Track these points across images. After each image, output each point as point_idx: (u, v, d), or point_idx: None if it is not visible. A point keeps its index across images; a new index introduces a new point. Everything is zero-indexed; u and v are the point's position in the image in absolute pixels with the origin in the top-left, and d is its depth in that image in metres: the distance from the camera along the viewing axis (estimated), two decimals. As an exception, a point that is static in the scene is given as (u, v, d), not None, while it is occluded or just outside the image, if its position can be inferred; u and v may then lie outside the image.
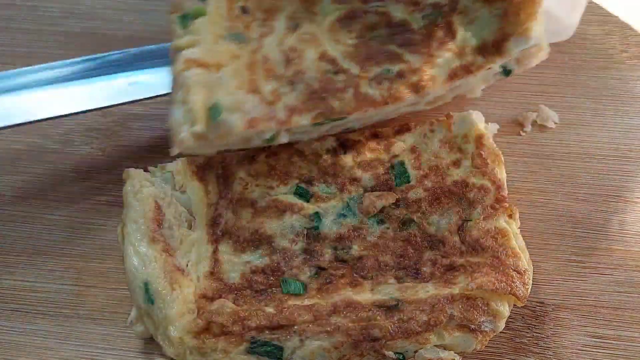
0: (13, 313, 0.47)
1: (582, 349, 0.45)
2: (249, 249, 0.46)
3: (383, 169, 0.48)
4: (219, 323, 0.42)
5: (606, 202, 0.51)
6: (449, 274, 0.43)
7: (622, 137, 0.55)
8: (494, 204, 0.46)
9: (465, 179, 0.47)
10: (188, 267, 0.45)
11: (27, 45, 0.63)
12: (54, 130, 0.57)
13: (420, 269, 0.44)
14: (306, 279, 0.45)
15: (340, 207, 0.47)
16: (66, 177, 0.54)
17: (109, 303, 0.48)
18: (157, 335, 0.43)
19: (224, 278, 0.45)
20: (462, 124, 0.49)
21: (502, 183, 0.47)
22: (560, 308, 0.47)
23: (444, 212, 0.46)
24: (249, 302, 0.43)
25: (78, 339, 0.46)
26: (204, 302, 0.43)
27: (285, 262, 0.45)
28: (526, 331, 0.46)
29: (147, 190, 0.46)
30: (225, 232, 0.46)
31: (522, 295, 0.42)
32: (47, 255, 0.50)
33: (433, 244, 0.45)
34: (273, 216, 0.47)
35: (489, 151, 0.48)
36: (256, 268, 0.45)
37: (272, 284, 0.44)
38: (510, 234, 0.44)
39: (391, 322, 0.41)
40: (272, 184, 0.48)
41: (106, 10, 0.65)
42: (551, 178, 0.53)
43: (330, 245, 0.46)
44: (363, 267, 0.45)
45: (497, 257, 0.43)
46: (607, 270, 0.48)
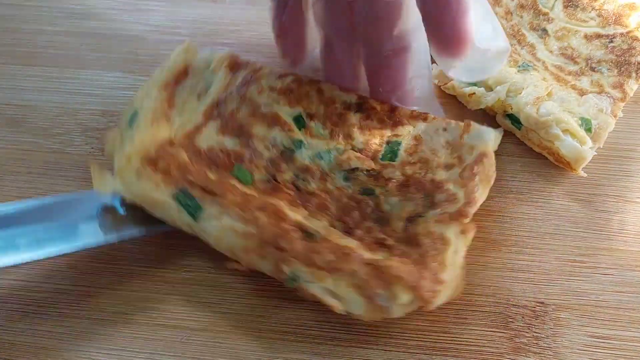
0: (13, 313, 0.48)
1: (582, 349, 0.45)
2: (229, 135, 0.49)
3: (379, 140, 0.49)
4: (166, 162, 0.46)
5: (606, 202, 0.51)
6: (374, 246, 0.44)
7: (622, 137, 0.55)
8: (453, 214, 0.45)
9: (444, 182, 0.47)
10: (175, 121, 0.50)
11: (27, 45, 0.63)
12: (54, 130, 0.57)
13: (354, 229, 0.45)
14: (257, 178, 0.47)
15: (322, 149, 0.49)
16: (66, 177, 0.54)
17: (109, 303, 0.48)
18: (115, 151, 0.47)
19: (195, 141, 0.48)
20: (475, 137, 0.48)
21: (474, 201, 0.46)
22: (560, 308, 0.47)
23: (405, 199, 0.47)
24: (201, 164, 0.47)
25: (78, 339, 0.46)
26: (167, 146, 0.48)
27: (250, 158, 0.48)
28: (526, 331, 0.46)
29: (183, 57, 0.52)
30: (220, 115, 0.50)
31: (426, 297, 0.41)
32: (47, 255, 0.50)
33: (379, 218, 0.46)
34: (265, 123, 0.50)
35: (484, 170, 0.47)
36: (225, 149, 0.48)
37: (228, 167, 0.47)
38: (450, 246, 0.43)
39: (303, 244, 0.43)
40: (280, 101, 0.51)
41: (107, 10, 0.65)
42: (551, 178, 0.53)
43: (295, 170, 0.48)
44: (308, 201, 0.46)
45: (424, 257, 0.43)
46: (608, 270, 0.48)
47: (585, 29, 0.58)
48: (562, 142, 0.51)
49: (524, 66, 0.55)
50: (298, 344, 0.46)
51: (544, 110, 0.51)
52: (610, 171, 0.53)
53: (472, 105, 0.56)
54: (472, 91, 0.55)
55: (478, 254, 0.49)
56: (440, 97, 0.58)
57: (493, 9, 0.58)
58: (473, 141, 0.48)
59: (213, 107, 0.51)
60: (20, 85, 0.61)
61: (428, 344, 0.45)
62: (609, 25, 0.58)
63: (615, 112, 0.52)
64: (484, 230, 0.50)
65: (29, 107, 0.59)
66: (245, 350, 0.45)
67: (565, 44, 0.57)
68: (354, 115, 0.51)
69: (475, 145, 0.48)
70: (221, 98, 0.51)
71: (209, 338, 0.46)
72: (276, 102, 0.51)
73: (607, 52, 0.56)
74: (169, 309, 0.47)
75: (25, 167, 0.55)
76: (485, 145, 0.48)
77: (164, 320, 0.47)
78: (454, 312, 0.46)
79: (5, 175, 0.55)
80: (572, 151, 0.51)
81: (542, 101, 0.52)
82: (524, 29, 0.58)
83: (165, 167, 0.46)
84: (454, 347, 0.45)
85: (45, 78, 0.61)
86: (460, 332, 0.46)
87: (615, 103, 0.53)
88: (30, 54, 0.62)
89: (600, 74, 0.55)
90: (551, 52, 0.57)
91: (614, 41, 0.56)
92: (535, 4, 0.59)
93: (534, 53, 0.56)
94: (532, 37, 0.58)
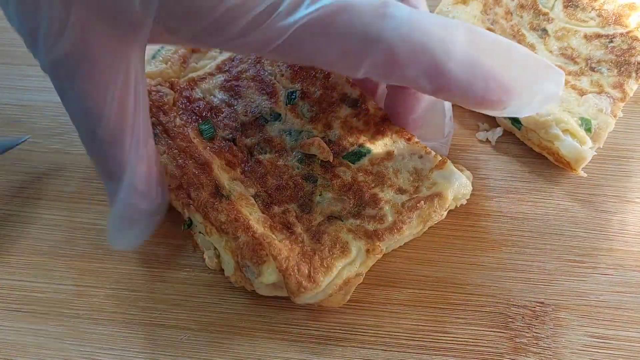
0: (13, 313, 0.48)
1: (582, 349, 0.45)
2: (224, 91, 0.53)
3: (353, 140, 0.49)
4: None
5: (606, 202, 0.51)
6: (280, 226, 0.45)
7: (622, 137, 0.55)
8: (370, 231, 0.44)
9: (384, 201, 0.46)
10: (190, 63, 0.55)
11: (27, 45, 0.63)
12: (54, 130, 0.57)
13: (272, 205, 0.47)
14: (220, 135, 0.50)
15: (296, 127, 0.50)
16: (66, 177, 0.54)
17: (109, 303, 0.48)
18: None
19: (194, 86, 0.53)
20: (444, 176, 0.47)
21: (398, 231, 0.45)
22: (560, 308, 0.47)
23: (338, 199, 0.47)
24: (178, 108, 0.52)
25: (78, 339, 0.46)
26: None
27: (225, 116, 0.51)
28: (526, 331, 0.46)
29: None
30: (228, 71, 0.54)
31: (292, 287, 0.42)
32: (47, 255, 0.50)
33: (304, 205, 0.47)
34: (257, 90, 0.52)
35: (429, 209, 0.45)
36: (210, 102, 0.52)
37: (205, 116, 0.51)
38: (347, 258, 0.44)
39: (207, 199, 0.46)
40: (285, 74, 0.53)
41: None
42: (551, 178, 0.53)
43: (259, 138, 0.50)
44: (253, 168, 0.49)
45: (314, 253, 0.44)
46: (608, 270, 0.48)
47: (585, 29, 0.58)
48: (562, 142, 0.51)
49: (524, 66, 0.55)
50: (298, 344, 0.46)
51: (544, 110, 0.51)
52: (610, 171, 0.53)
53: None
54: (472, 91, 0.55)
55: (478, 254, 0.49)
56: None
57: (493, 9, 0.58)
58: (439, 179, 0.47)
59: (228, 62, 0.54)
60: (20, 85, 0.61)
61: (428, 344, 0.45)
62: (608, 25, 0.58)
63: (615, 112, 0.52)
64: (484, 230, 0.50)
65: (29, 107, 0.59)
66: (245, 350, 0.45)
67: (565, 44, 0.57)
68: (345, 108, 0.51)
69: (438, 183, 0.47)
70: (238, 56, 0.55)
71: (209, 338, 0.46)
72: (280, 74, 0.53)
73: (607, 52, 0.56)
74: (169, 309, 0.47)
75: (25, 167, 0.55)
76: (446, 188, 0.46)
77: (164, 320, 0.47)
78: (454, 312, 0.46)
79: (6, 175, 0.55)
80: (572, 151, 0.51)
81: None
82: (524, 29, 0.58)
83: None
84: (454, 347, 0.45)
85: (46, 78, 0.60)
86: (460, 332, 0.46)
87: (615, 103, 0.53)
88: (30, 54, 0.62)
89: (600, 74, 0.55)
90: (551, 52, 0.57)
91: (613, 41, 0.56)
92: (535, 4, 0.59)
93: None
94: (532, 37, 0.57)
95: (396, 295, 0.47)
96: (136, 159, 0.40)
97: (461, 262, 0.49)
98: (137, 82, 0.38)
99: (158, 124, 0.50)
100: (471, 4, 0.58)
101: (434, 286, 0.48)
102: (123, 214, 0.43)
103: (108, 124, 0.38)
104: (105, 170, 0.41)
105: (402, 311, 0.47)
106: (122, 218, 0.43)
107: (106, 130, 0.38)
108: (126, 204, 0.42)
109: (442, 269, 0.48)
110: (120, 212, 0.42)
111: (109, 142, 0.39)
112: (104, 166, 0.41)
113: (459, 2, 0.58)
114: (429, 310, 0.47)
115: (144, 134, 0.40)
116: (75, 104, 0.39)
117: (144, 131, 0.40)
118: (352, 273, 0.44)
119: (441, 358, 0.45)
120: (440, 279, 0.48)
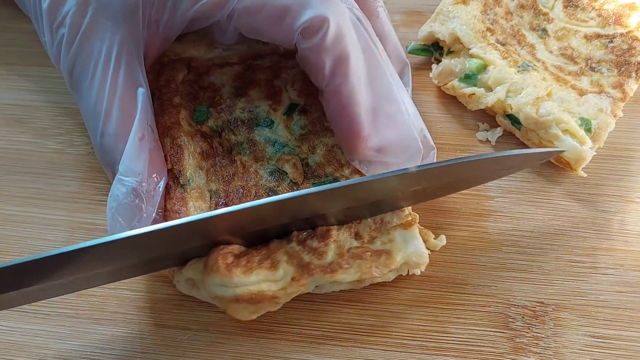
0: (13, 313, 0.47)
1: (582, 349, 0.45)
2: (236, 83, 0.53)
3: (328, 170, 0.48)
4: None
5: (606, 202, 0.51)
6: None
7: (623, 137, 0.55)
8: (297, 266, 0.43)
9: (333, 239, 0.44)
10: (218, 47, 0.55)
11: (27, 45, 0.63)
12: (54, 130, 0.57)
13: (220, 205, 0.47)
14: (210, 124, 0.50)
15: (281, 140, 0.50)
16: (66, 177, 0.54)
17: (109, 303, 0.48)
18: None
19: (213, 72, 0.53)
20: (403, 239, 0.45)
21: (330, 272, 0.43)
22: (560, 308, 0.47)
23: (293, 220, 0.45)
24: (186, 86, 0.52)
25: (78, 339, 0.46)
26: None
27: (223, 108, 0.51)
28: (526, 331, 0.46)
29: None
30: (250, 65, 0.54)
31: (208, 263, 0.43)
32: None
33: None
34: (263, 92, 0.52)
35: (372, 266, 0.44)
36: (216, 89, 0.52)
37: (200, 99, 0.52)
38: (271, 275, 0.42)
39: (172, 187, 0.47)
40: (295, 84, 0.53)
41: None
42: (551, 178, 0.53)
43: (244, 138, 0.50)
44: (224, 166, 0.48)
45: (242, 255, 0.43)
46: (608, 270, 0.48)
47: (585, 29, 0.58)
48: (562, 142, 0.51)
49: (524, 66, 0.55)
50: (298, 344, 0.46)
51: (544, 111, 0.51)
52: (611, 171, 0.53)
53: (472, 106, 0.56)
54: (472, 92, 0.55)
55: (478, 254, 0.49)
56: (440, 97, 0.58)
57: (493, 9, 0.58)
58: (397, 238, 0.45)
59: (251, 56, 0.54)
60: (20, 85, 0.61)
61: (428, 344, 0.45)
62: (608, 25, 0.58)
63: (615, 112, 0.52)
64: (484, 230, 0.50)
65: (29, 107, 0.59)
66: (245, 350, 0.45)
67: (565, 44, 0.57)
68: (334, 138, 0.49)
69: (394, 242, 0.45)
70: (267, 52, 0.55)
71: (209, 338, 0.46)
72: (291, 84, 0.52)
73: (607, 52, 0.56)
74: (169, 309, 0.47)
75: (25, 167, 0.55)
76: (398, 250, 0.44)
77: (163, 320, 0.47)
78: (454, 312, 0.46)
79: (6, 175, 0.55)
80: (572, 151, 0.51)
81: (542, 101, 0.52)
82: (524, 29, 0.58)
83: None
84: (454, 347, 0.45)
85: (45, 78, 0.61)
86: (461, 332, 0.46)
87: (615, 103, 0.53)
88: (30, 54, 0.62)
89: (600, 74, 0.55)
90: (551, 52, 0.57)
91: (614, 41, 0.56)
92: (535, 4, 0.59)
93: (533, 53, 0.56)
94: (532, 37, 0.57)
95: (396, 295, 0.47)
96: (136, 148, 0.44)
97: (461, 262, 0.49)
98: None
99: (157, 98, 0.50)
100: (471, 4, 0.58)
101: (434, 286, 0.48)
102: (122, 199, 0.43)
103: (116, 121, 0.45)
104: (112, 164, 0.45)
105: (403, 311, 0.47)
106: (121, 203, 0.43)
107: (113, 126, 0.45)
108: (127, 191, 0.43)
109: (442, 269, 0.48)
110: (120, 195, 0.43)
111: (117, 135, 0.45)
112: (112, 161, 0.45)
113: (459, 2, 0.58)
114: (429, 310, 0.47)
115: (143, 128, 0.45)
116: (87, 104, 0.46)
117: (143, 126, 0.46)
118: (270, 291, 0.42)
119: (442, 358, 0.45)
120: (440, 279, 0.48)
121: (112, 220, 0.43)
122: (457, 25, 0.57)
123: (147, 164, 0.44)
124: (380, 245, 0.44)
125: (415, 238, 0.45)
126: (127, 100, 0.45)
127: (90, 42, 0.45)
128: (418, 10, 0.65)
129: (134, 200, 0.43)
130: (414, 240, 0.45)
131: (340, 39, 0.44)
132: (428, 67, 0.60)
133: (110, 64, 0.45)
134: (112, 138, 0.45)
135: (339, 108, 0.45)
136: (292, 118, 0.51)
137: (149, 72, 0.51)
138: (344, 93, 0.44)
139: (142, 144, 0.45)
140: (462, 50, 0.57)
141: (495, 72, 0.54)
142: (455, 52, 0.57)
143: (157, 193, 0.45)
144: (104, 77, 0.45)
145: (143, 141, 0.45)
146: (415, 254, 0.44)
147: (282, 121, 0.51)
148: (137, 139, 0.44)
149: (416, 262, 0.45)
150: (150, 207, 0.44)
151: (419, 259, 0.45)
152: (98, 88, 0.45)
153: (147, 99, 0.46)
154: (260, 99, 0.52)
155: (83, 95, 0.46)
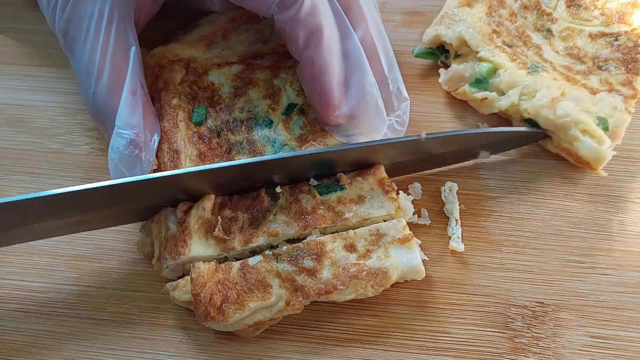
0: (13, 313, 0.48)
1: (582, 349, 0.45)
2: (234, 83, 0.53)
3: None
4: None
5: (606, 202, 0.51)
6: (212, 227, 0.46)
7: (625, 137, 0.54)
8: (290, 289, 0.43)
9: (329, 255, 0.44)
10: (219, 47, 0.55)
11: (27, 45, 0.63)
12: (54, 130, 0.57)
13: (223, 207, 0.47)
14: (210, 124, 0.50)
15: (281, 139, 0.50)
16: (66, 177, 0.54)
17: (109, 303, 0.48)
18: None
19: (212, 71, 0.54)
20: (400, 254, 0.44)
21: (319, 294, 0.43)
22: (560, 308, 0.47)
23: (288, 225, 0.45)
24: (184, 85, 0.52)
25: (78, 339, 0.46)
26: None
27: (221, 108, 0.51)
28: (526, 331, 0.46)
29: None
30: (250, 65, 0.54)
31: (198, 314, 0.43)
32: (47, 255, 0.50)
33: (253, 217, 0.46)
34: (262, 92, 0.52)
35: (368, 286, 0.44)
36: (214, 89, 0.52)
37: (199, 100, 0.51)
38: (265, 303, 0.43)
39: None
40: (293, 84, 0.52)
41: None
42: (551, 178, 0.53)
43: (243, 138, 0.50)
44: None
45: (231, 287, 0.43)
46: (607, 270, 0.48)
47: (590, 28, 0.58)
48: (582, 143, 0.50)
49: (534, 67, 0.54)
50: (298, 344, 0.46)
51: (561, 112, 0.50)
52: (611, 171, 0.53)
53: (484, 110, 0.55)
54: (484, 96, 0.54)
55: (478, 254, 0.49)
56: (452, 103, 0.58)
57: (498, 11, 0.58)
58: (394, 253, 0.44)
59: (250, 56, 0.55)
60: (20, 85, 0.61)
61: (428, 344, 0.45)
62: (612, 24, 0.57)
63: (629, 108, 0.52)
64: (484, 230, 0.50)
65: (29, 107, 0.59)
66: (246, 350, 0.45)
67: (571, 44, 0.57)
68: (334, 139, 0.49)
69: (391, 257, 0.44)
70: (267, 52, 0.55)
71: (209, 338, 0.46)
72: (289, 83, 0.52)
73: (613, 51, 0.55)
74: (169, 308, 0.47)
75: (25, 167, 0.55)
76: (395, 269, 0.44)
77: (164, 320, 0.47)
78: (454, 312, 0.46)
79: (6, 174, 0.55)
80: (592, 151, 0.50)
81: (558, 102, 0.51)
82: (529, 30, 0.58)
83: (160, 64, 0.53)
84: (453, 347, 0.45)
85: (45, 78, 0.61)
86: (460, 332, 0.46)
87: (626, 100, 0.52)
88: (31, 54, 0.62)
89: (608, 72, 0.54)
90: (557, 52, 0.56)
91: (619, 39, 0.56)
92: (538, 4, 0.59)
93: (540, 54, 0.56)
94: (538, 38, 0.57)
95: (396, 296, 0.47)
96: (131, 102, 0.47)
97: (461, 262, 0.49)
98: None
99: (157, 101, 0.51)
100: (476, 6, 0.58)
101: (434, 286, 0.48)
102: (123, 150, 0.46)
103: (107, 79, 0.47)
104: (107, 120, 0.47)
105: (402, 311, 0.47)
106: (122, 154, 0.46)
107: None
108: (127, 143, 0.46)
109: (441, 269, 0.48)
110: (120, 147, 0.46)
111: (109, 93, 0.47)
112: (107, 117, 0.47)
113: (464, 4, 0.58)
114: (429, 310, 0.47)
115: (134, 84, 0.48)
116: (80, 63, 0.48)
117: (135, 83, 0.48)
118: (266, 318, 0.43)
119: (441, 358, 0.45)
120: (440, 279, 0.48)
121: (115, 170, 0.46)
122: (463, 29, 0.56)
123: (142, 117, 0.47)
124: (376, 261, 0.44)
125: (413, 254, 0.45)
126: (118, 58, 0.47)
127: (84, 4, 0.48)
128: (418, 10, 0.65)
129: (133, 150, 0.46)
130: (410, 256, 0.44)
131: (314, 12, 0.46)
132: (432, 68, 0.59)
133: (102, 24, 0.47)
134: (105, 94, 0.47)
135: (312, 78, 0.47)
136: (291, 118, 0.51)
137: (148, 75, 0.51)
138: (316, 64, 0.46)
139: (135, 99, 0.47)
140: (469, 53, 0.56)
141: (506, 75, 0.53)
142: (462, 56, 0.57)
143: (153, 145, 0.47)
144: (96, 36, 0.47)
145: (136, 96, 0.47)
146: (412, 271, 0.44)
147: (281, 121, 0.51)
148: (131, 94, 0.47)
149: (413, 278, 0.45)
150: (149, 157, 0.47)
151: (416, 275, 0.45)
152: (90, 47, 0.47)
153: (138, 56, 0.48)
154: (260, 98, 0.52)
155: (76, 56, 0.48)
